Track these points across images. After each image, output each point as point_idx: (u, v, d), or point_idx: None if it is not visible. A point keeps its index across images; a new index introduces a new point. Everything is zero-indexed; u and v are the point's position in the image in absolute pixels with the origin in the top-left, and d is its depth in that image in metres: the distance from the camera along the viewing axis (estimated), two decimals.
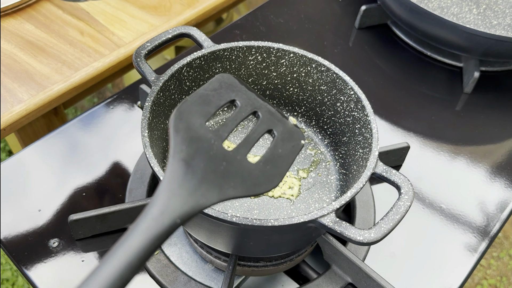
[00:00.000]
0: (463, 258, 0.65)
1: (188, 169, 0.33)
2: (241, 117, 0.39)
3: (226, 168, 0.35)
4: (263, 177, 0.37)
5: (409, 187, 0.49)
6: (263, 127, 0.40)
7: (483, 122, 0.84)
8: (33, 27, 0.87)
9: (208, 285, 0.60)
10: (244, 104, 0.40)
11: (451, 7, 0.93)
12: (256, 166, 0.37)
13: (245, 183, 0.35)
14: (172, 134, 0.34)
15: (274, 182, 0.37)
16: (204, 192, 0.32)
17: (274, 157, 0.38)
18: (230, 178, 0.34)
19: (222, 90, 0.39)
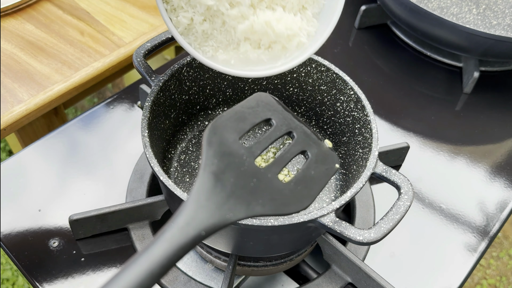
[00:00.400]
0: (462, 258, 0.65)
1: (218, 183, 0.32)
2: (275, 136, 0.39)
3: (256, 185, 0.34)
4: (293, 198, 0.36)
5: (409, 187, 0.49)
6: (297, 148, 0.39)
7: (482, 122, 0.84)
8: (33, 27, 0.88)
9: (208, 284, 0.60)
10: (279, 123, 0.39)
11: (451, 7, 0.93)
12: (286, 186, 0.36)
13: (274, 201, 0.35)
14: (205, 147, 0.34)
15: (304, 204, 0.36)
16: (231, 206, 0.32)
17: (306, 179, 0.38)
18: (259, 195, 0.34)
19: (259, 108, 0.39)
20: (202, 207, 0.31)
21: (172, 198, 0.51)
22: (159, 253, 0.28)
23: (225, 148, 0.35)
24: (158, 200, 0.62)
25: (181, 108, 0.62)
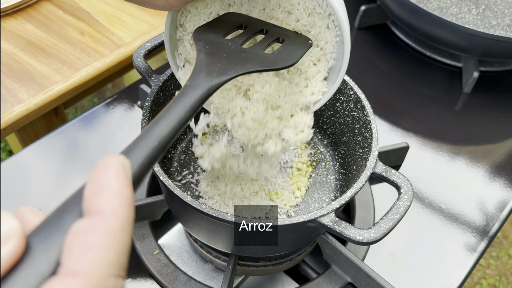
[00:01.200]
0: (462, 258, 0.65)
1: (213, 58, 0.37)
2: (252, 31, 0.43)
3: (246, 56, 0.39)
4: (280, 60, 0.41)
5: (409, 187, 0.49)
6: (273, 36, 0.43)
7: (482, 122, 0.84)
8: (34, 27, 0.88)
9: (208, 284, 0.60)
10: (254, 24, 0.44)
11: (450, 8, 0.93)
12: (272, 54, 0.41)
13: (264, 62, 0.40)
14: (196, 42, 0.39)
15: (290, 62, 0.41)
16: (229, 68, 0.37)
17: (286, 50, 0.42)
18: (250, 60, 0.39)
19: (233, 17, 0.44)
20: (204, 73, 0.35)
21: (172, 198, 0.51)
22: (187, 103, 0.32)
23: (212, 40, 0.40)
24: (158, 200, 0.62)
25: None
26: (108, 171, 0.22)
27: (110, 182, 0.21)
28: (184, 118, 0.30)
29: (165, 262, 0.61)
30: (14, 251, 0.20)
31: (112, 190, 0.21)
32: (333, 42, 0.45)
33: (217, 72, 0.36)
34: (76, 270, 0.19)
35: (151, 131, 0.28)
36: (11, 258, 0.20)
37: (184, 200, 0.46)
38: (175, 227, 0.66)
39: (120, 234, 0.21)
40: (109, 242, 0.20)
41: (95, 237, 0.20)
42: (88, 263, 0.19)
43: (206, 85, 0.34)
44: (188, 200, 0.46)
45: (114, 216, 0.21)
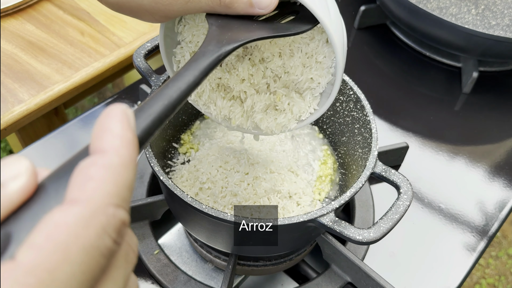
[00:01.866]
0: (461, 257, 0.66)
1: (224, 29, 0.37)
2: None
3: (258, 25, 0.39)
4: (292, 27, 0.41)
5: (408, 186, 0.49)
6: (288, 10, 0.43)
7: (481, 122, 0.84)
8: (34, 27, 0.88)
9: (208, 284, 0.60)
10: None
11: (450, 8, 0.93)
12: (284, 23, 0.41)
13: (276, 29, 0.40)
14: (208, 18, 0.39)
15: (302, 29, 0.41)
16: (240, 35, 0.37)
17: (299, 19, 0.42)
18: (262, 28, 0.39)
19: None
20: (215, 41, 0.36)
21: (172, 198, 0.51)
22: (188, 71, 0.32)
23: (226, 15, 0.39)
24: (158, 199, 0.62)
25: (181, 108, 0.62)
26: (111, 117, 0.23)
27: (112, 126, 0.22)
28: (193, 82, 0.31)
29: (165, 262, 0.61)
30: (24, 187, 0.21)
31: (114, 132, 0.22)
32: (331, 57, 0.45)
33: (227, 39, 0.36)
34: (76, 198, 0.20)
35: (161, 92, 0.29)
36: (20, 193, 0.21)
37: (184, 200, 0.46)
38: (175, 227, 0.66)
39: (121, 169, 0.22)
40: (109, 174, 0.21)
41: (96, 170, 0.21)
42: (89, 191, 0.20)
43: (216, 51, 0.35)
44: (188, 200, 0.46)
45: (115, 153, 0.22)
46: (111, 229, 0.20)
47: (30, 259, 0.18)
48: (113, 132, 0.22)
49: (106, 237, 0.20)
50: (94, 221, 0.20)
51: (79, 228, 0.19)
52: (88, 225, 0.20)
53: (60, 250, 0.19)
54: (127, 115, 0.23)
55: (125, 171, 0.22)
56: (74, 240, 0.19)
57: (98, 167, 0.21)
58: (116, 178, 0.21)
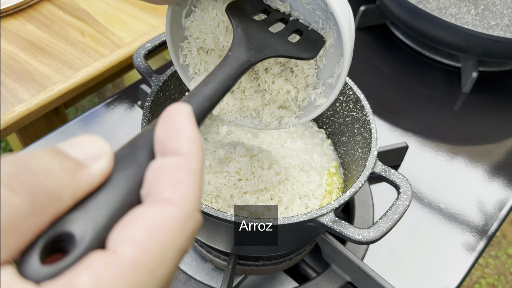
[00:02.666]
0: (461, 257, 0.66)
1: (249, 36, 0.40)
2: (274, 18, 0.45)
3: (275, 40, 0.42)
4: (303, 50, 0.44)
5: (408, 186, 0.50)
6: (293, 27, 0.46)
7: (481, 122, 0.85)
8: (34, 27, 0.88)
9: (208, 284, 0.60)
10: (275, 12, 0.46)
11: (449, 8, 0.93)
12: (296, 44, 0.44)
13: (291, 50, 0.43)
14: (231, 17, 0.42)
15: (311, 54, 0.44)
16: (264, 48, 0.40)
17: (307, 42, 0.45)
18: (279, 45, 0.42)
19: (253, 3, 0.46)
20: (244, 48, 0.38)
21: None
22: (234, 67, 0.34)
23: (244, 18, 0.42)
24: None
25: None
26: (181, 117, 0.23)
27: (185, 127, 0.23)
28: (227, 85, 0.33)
29: None
30: (105, 170, 0.21)
31: (189, 134, 0.22)
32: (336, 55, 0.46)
33: (254, 49, 0.39)
34: (170, 199, 0.20)
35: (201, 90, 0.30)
36: (101, 177, 0.21)
37: None
38: None
39: (201, 174, 0.22)
40: (195, 179, 0.22)
41: (183, 174, 0.21)
42: (182, 194, 0.21)
43: (247, 58, 0.37)
44: None
45: (196, 157, 0.22)
46: (195, 233, 0.21)
47: (133, 255, 0.18)
48: (187, 134, 0.22)
49: (191, 241, 0.21)
50: (188, 224, 0.20)
51: (177, 230, 0.20)
52: (183, 228, 0.20)
53: (160, 250, 0.19)
54: (193, 115, 0.24)
55: (202, 177, 0.22)
56: (172, 241, 0.19)
57: (185, 171, 0.21)
58: (200, 183, 0.22)
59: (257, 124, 0.51)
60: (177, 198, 0.20)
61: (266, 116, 0.50)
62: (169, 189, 0.21)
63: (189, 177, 0.21)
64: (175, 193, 0.21)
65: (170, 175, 0.21)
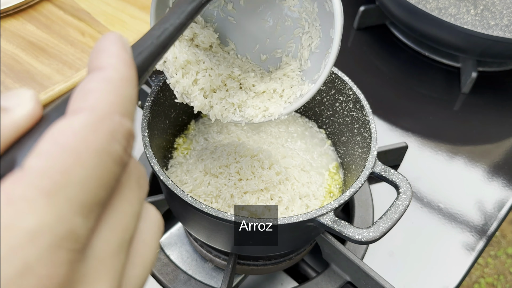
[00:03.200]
0: (460, 257, 0.66)
1: None
2: None
3: None
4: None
5: (408, 186, 0.50)
6: None
7: (480, 122, 0.85)
8: (34, 27, 0.88)
9: (208, 283, 0.60)
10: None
11: (449, 8, 0.94)
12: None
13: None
14: None
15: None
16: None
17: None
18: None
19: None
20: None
21: (172, 197, 0.51)
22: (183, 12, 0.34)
23: None
24: (158, 199, 0.62)
25: (181, 108, 0.63)
26: (106, 40, 0.23)
27: (109, 46, 0.22)
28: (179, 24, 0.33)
29: (165, 261, 0.61)
30: (29, 113, 0.20)
31: (110, 51, 0.22)
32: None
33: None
34: (78, 107, 0.20)
35: (150, 33, 0.31)
36: (25, 119, 0.20)
37: (184, 199, 0.46)
38: (175, 227, 0.66)
39: (121, 82, 0.21)
40: (109, 86, 0.20)
41: (95, 83, 0.20)
42: (91, 101, 0.20)
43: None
44: (188, 200, 0.46)
45: (113, 68, 0.21)
46: (120, 135, 0.20)
47: (40, 164, 0.18)
48: (109, 51, 0.22)
49: (116, 142, 0.19)
50: (101, 126, 0.19)
51: (87, 132, 0.19)
52: (96, 129, 0.19)
53: (70, 153, 0.18)
54: (122, 40, 0.23)
55: (125, 85, 0.21)
56: (83, 143, 0.18)
57: (97, 81, 0.20)
58: (117, 90, 0.21)
59: (240, 118, 0.50)
60: (85, 105, 0.20)
61: (250, 110, 0.50)
62: (78, 100, 0.20)
63: (102, 85, 0.20)
64: (84, 102, 0.20)
65: (82, 88, 0.20)
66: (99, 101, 0.20)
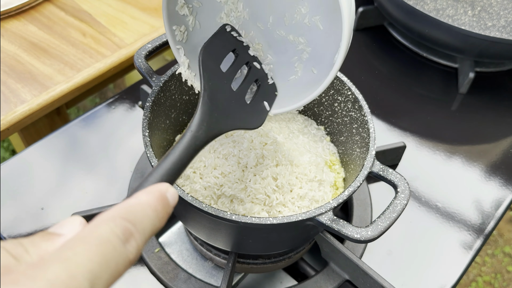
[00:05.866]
0: (458, 255, 0.66)
1: (213, 107, 0.44)
2: (241, 63, 0.51)
3: (233, 109, 0.47)
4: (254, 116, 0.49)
5: (406, 185, 0.50)
6: (253, 77, 0.52)
7: (478, 122, 0.85)
8: (36, 28, 0.88)
9: (208, 282, 0.60)
10: (242, 55, 0.52)
11: (447, 9, 0.94)
12: (250, 105, 0.49)
13: (243, 121, 0.47)
14: (203, 71, 0.46)
15: (257, 125, 0.49)
16: (222, 122, 0.44)
17: (263, 95, 0.51)
18: (234, 117, 0.46)
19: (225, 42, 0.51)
20: (206, 122, 0.42)
21: None
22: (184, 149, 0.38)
23: (213, 72, 0.47)
24: None
25: (182, 108, 0.63)
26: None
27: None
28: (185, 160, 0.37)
29: (166, 260, 0.61)
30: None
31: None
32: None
33: (213, 127, 0.42)
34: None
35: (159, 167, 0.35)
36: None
37: (185, 198, 0.46)
38: (175, 226, 0.67)
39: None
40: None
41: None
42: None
43: (205, 139, 0.41)
44: (188, 199, 0.46)
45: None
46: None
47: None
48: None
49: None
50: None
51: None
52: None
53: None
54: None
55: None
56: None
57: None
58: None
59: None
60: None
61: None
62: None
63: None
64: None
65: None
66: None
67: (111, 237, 0.24)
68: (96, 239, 0.23)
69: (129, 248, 0.25)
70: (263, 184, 0.53)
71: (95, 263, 0.22)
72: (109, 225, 0.24)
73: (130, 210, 0.26)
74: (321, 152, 0.63)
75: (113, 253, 0.23)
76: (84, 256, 0.22)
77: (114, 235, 0.24)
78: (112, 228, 0.24)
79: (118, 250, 0.24)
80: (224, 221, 0.46)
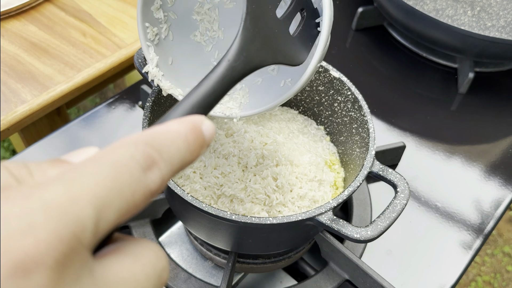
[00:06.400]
0: (458, 255, 0.66)
1: (255, 32, 0.39)
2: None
3: (275, 39, 0.42)
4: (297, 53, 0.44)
5: (405, 185, 0.50)
6: (299, 6, 0.45)
7: (477, 122, 0.85)
8: (37, 28, 0.88)
9: (208, 281, 0.60)
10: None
11: (446, 9, 0.94)
12: (294, 39, 0.44)
13: (286, 54, 0.42)
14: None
15: (302, 59, 0.44)
16: (263, 54, 0.40)
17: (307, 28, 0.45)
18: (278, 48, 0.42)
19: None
20: (246, 50, 0.38)
21: (172, 196, 0.52)
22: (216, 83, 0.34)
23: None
24: (159, 198, 0.62)
25: None
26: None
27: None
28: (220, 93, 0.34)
29: None
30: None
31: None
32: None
33: (253, 57, 0.38)
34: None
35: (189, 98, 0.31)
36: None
37: (185, 198, 0.46)
38: (175, 225, 0.67)
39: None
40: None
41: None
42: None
43: (243, 70, 0.37)
44: (188, 199, 0.46)
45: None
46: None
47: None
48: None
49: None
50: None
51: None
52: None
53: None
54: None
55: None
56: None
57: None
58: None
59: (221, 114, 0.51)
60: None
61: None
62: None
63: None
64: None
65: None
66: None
67: (129, 162, 0.21)
68: (110, 162, 0.20)
69: (151, 176, 0.21)
70: (263, 184, 0.53)
71: (105, 187, 0.19)
72: (129, 149, 0.21)
73: (157, 136, 0.22)
74: (321, 152, 0.63)
75: (129, 179, 0.20)
76: (92, 178, 0.19)
77: (133, 160, 0.21)
78: (132, 152, 0.21)
79: (136, 177, 0.21)
80: (224, 221, 0.46)
